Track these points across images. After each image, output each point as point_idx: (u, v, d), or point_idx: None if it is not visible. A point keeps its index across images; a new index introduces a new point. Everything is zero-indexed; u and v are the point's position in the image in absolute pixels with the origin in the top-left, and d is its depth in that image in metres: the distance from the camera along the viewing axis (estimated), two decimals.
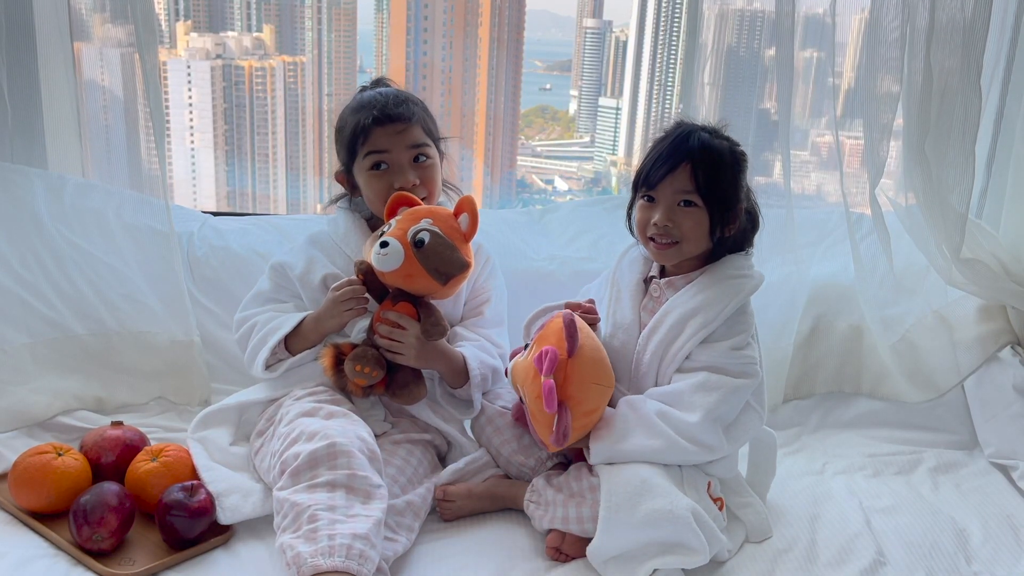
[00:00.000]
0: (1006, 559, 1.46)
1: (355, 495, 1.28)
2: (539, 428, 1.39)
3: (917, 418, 1.87)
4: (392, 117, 1.56)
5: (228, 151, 2.56)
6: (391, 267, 1.44)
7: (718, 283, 1.45)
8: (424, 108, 1.64)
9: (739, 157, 1.46)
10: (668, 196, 1.44)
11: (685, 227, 1.43)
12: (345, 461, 1.30)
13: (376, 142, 1.57)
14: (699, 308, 1.43)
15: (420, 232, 1.45)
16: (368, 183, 1.59)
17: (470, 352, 1.57)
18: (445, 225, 1.47)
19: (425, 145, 1.60)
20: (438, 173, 1.63)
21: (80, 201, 1.84)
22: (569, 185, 3.15)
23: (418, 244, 1.44)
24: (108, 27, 1.97)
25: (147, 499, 1.41)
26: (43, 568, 1.29)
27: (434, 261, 1.45)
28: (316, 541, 1.20)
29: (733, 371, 1.41)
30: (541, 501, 1.44)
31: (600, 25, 3.03)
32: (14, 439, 1.60)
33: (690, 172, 1.41)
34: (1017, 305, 1.82)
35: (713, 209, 1.42)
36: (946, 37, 1.65)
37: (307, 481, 1.28)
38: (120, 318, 1.80)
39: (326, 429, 1.34)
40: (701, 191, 1.41)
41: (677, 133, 1.46)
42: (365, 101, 1.60)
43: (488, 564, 1.37)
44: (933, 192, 1.72)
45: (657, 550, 1.31)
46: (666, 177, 1.43)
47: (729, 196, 1.43)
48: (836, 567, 1.40)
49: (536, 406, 1.37)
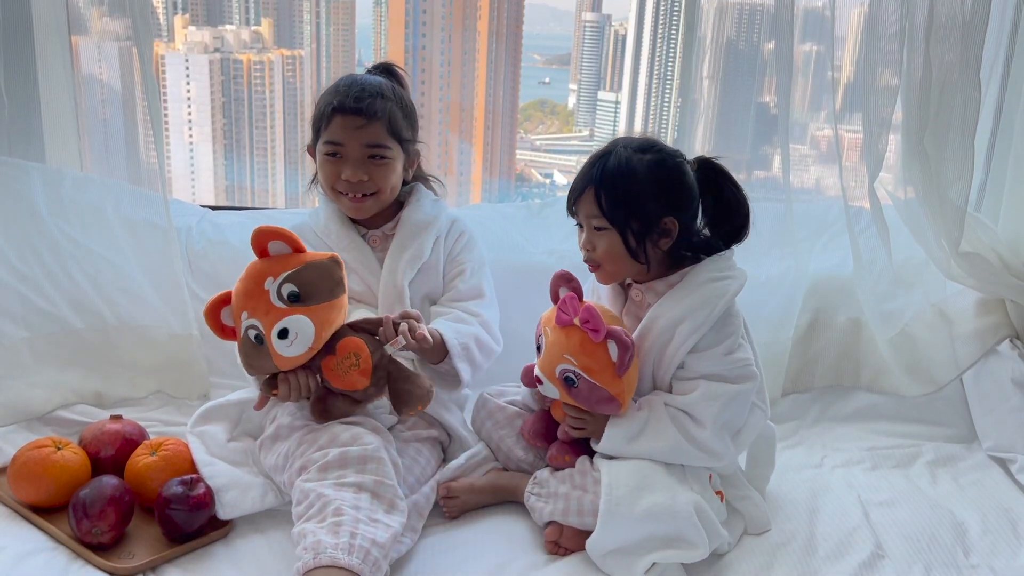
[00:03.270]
0: (1004, 552, 1.46)
1: (380, 501, 1.29)
2: (601, 376, 1.36)
3: (916, 412, 1.87)
4: (353, 111, 1.54)
5: (226, 145, 2.56)
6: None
7: (701, 287, 1.42)
8: (400, 104, 1.59)
9: (664, 170, 1.40)
10: (585, 220, 1.44)
11: (600, 250, 1.43)
12: (375, 467, 1.31)
13: (333, 132, 1.55)
14: (685, 314, 1.40)
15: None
16: (321, 165, 1.60)
17: (443, 326, 1.56)
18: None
19: (381, 147, 1.56)
20: (392, 173, 1.59)
21: (78, 195, 1.83)
22: (568, 179, 3.14)
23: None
24: (106, 21, 1.96)
25: (146, 493, 1.41)
26: (43, 562, 1.29)
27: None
28: (339, 535, 1.20)
29: (731, 377, 1.40)
30: (544, 493, 1.44)
31: (599, 19, 3.03)
32: (13, 433, 1.60)
33: (594, 196, 1.40)
34: (1016, 299, 1.82)
35: (624, 230, 1.40)
36: (945, 31, 1.64)
37: (334, 479, 1.29)
38: (119, 312, 1.80)
39: (358, 437, 1.35)
40: (606, 214, 1.40)
41: (592, 157, 1.44)
42: (340, 86, 1.58)
43: (489, 557, 1.37)
44: (932, 186, 1.72)
45: (657, 544, 1.31)
46: (577, 202, 1.44)
47: (643, 215, 1.39)
48: (835, 560, 1.40)
49: (587, 354, 1.35)
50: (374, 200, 1.59)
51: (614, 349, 1.35)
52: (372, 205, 1.60)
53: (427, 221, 1.65)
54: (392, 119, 1.56)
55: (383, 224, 1.66)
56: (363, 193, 1.58)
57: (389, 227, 1.66)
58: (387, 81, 1.61)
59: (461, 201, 2.62)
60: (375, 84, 1.58)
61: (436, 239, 1.66)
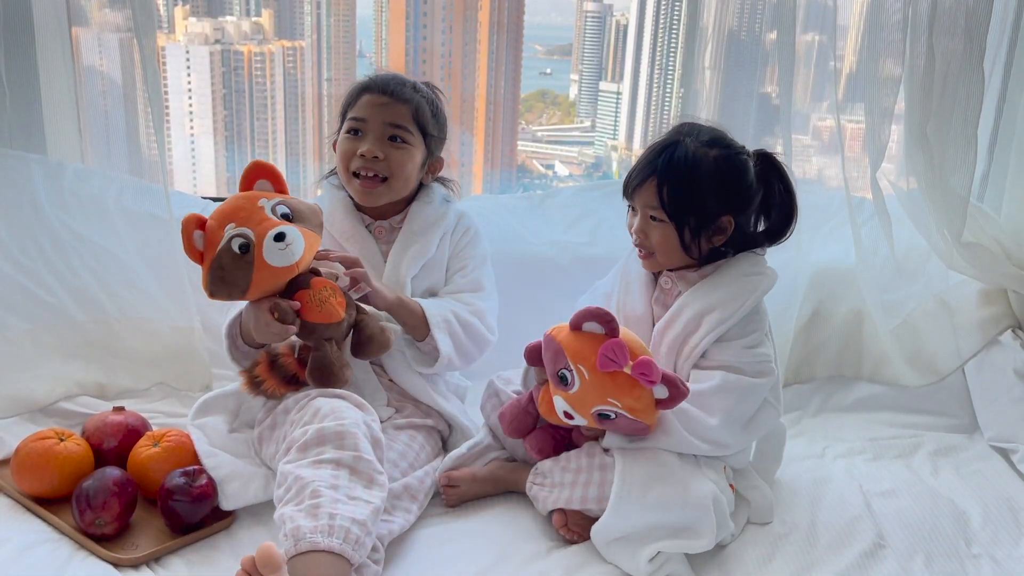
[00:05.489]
0: (1005, 542, 1.46)
1: (358, 477, 1.28)
2: (643, 413, 1.32)
3: (917, 402, 1.87)
4: (382, 89, 1.55)
5: (227, 136, 2.55)
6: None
7: (735, 280, 1.43)
8: (432, 105, 1.60)
9: (730, 169, 1.40)
10: (641, 208, 1.44)
11: (654, 240, 1.43)
12: (352, 443, 1.30)
13: (359, 109, 1.57)
14: (716, 305, 1.41)
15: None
16: (340, 144, 1.59)
17: (426, 301, 1.58)
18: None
19: (403, 128, 1.56)
20: (409, 161, 1.58)
21: (79, 187, 1.83)
22: (570, 170, 3.14)
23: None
24: (106, 12, 1.96)
25: (149, 484, 1.41)
26: (46, 553, 1.29)
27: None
28: (317, 518, 1.20)
29: (749, 371, 1.40)
30: (547, 483, 1.44)
31: (600, 9, 3.02)
32: (16, 425, 1.60)
33: (655, 188, 1.40)
34: (1018, 289, 1.82)
35: (681, 225, 1.40)
36: (949, 20, 1.64)
37: (313, 456, 1.28)
38: (121, 304, 1.80)
39: (337, 411, 1.34)
40: (665, 208, 1.40)
41: (657, 145, 1.44)
42: (373, 75, 1.60)
43: (491, 546, 1.37)
44: (935, 176, 1.71)
45: (663, 533, 1.31)
46: (637, 190, 1.43)
47: (702, 212, 1.39)
48: (836, 550, 1.41)
49: (634, 398, 1.30)
50: (386, 187, 1.58)
51: (663, 392, 1.31)
52: (383, 192, 1.59)
53: (436, 218, 1.64)
54: (419, 108, 1.57)
55: (391, 216, 1.65)
56: (376, 174, 1.56)
57: (396, 219, 1.65)
58: (426, 87, 1.63)
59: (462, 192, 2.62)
60: (411, 80, 1.60)
61: (443, 235, 1.65)
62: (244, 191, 1.46)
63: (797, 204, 1.48)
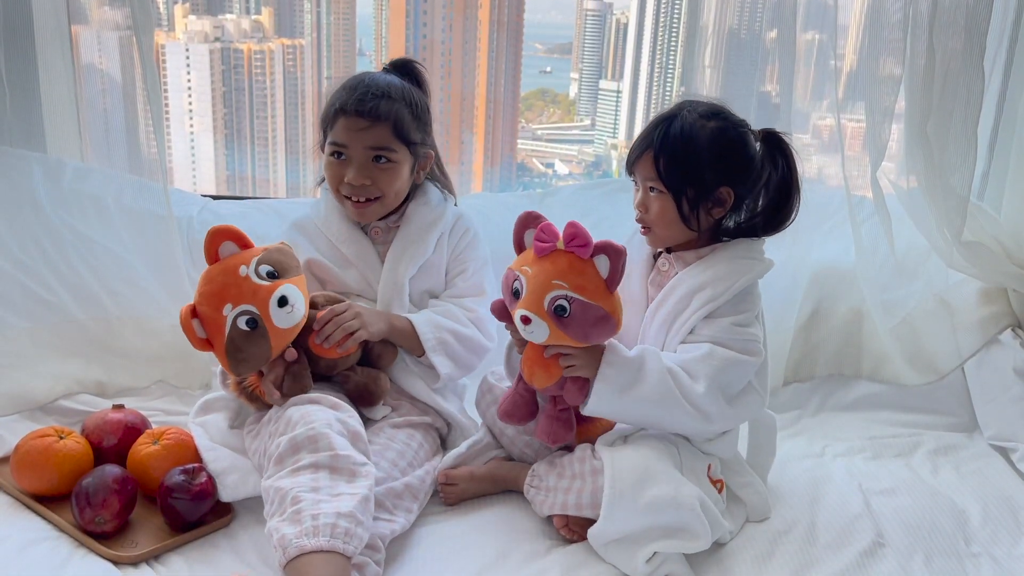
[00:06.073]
0: (1005, 540, 1.46)
1: (339, 475, 1.28)
2: (594, 294, 1.31)
3: (917, 401, 1.87)
4: (356, 112, 1.51)
5: (227, 135, 2.55)
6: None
7: (729, 261, 1.43)
8: (409, 104, 1.56)
9: (726, 139, 1.40)
10: (641, 181, 1.45)
11: (653, 212, 1.43)
12: (326, 443, 1.30)
13: (338, 133, 1.54)
14: (707, 283, 1.41)
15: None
16: (326, 165, 1.58)
17: (417, 318, 1.57)
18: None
19: (386, 149, 1.54)
20: (397, 178, 1.57)
21: (79, 185, 1.83)
22: (569, 168, 3.14)
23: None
24: (105, 10, 1.96)
25: (149, 482, 1.41)
26: (46, 550, 1.30)
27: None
28: (300, 522, 1.20)
29: (736, 347, 1.40)
30: (542, 487, 1.44)
31: (601, 7, 3.02)
32: (15, 423, 1.61)
33: (652, 160, 1.41)
34: (1018, 288, 1.82)
35: (679, 196, 1.41)
36: (949, 19, 1.64)
37: (290, 466, 1.29)
38: (120, 303, 1.80)
39: (306, 416, 1.34)
40: (662, 179, 1.40)
41: (656, 118, 1.45)
42: (347, 86, 1.55)
43: (489, 545, 1.38)
44: (935, 175, 1.71)
45: (659, 534, 1.31)
46: (636, 163, 1.44)
47: (699, 182, 1.40)
48: (836, 549, 1.41)
49: (578, 272, 1.31)
50: (378, 204, 1.58)
51: (604, 264, 1.31)
52: (376, 210, 1.59)
53: (433, 218, 1.64)
54: (398, 121, 1.53)
55: (387, 217, 1.65)
56: (367, 198, 1.56)
57: (393, 219, 1.65)
58: (398, 80, 1.58)
59: (462, 191, 2.61)
60: (382, 84, 1.55)
61: (440, 236, 1.65)
62: (211, 262, 1.41)
63: (800, 184, 1.46)
